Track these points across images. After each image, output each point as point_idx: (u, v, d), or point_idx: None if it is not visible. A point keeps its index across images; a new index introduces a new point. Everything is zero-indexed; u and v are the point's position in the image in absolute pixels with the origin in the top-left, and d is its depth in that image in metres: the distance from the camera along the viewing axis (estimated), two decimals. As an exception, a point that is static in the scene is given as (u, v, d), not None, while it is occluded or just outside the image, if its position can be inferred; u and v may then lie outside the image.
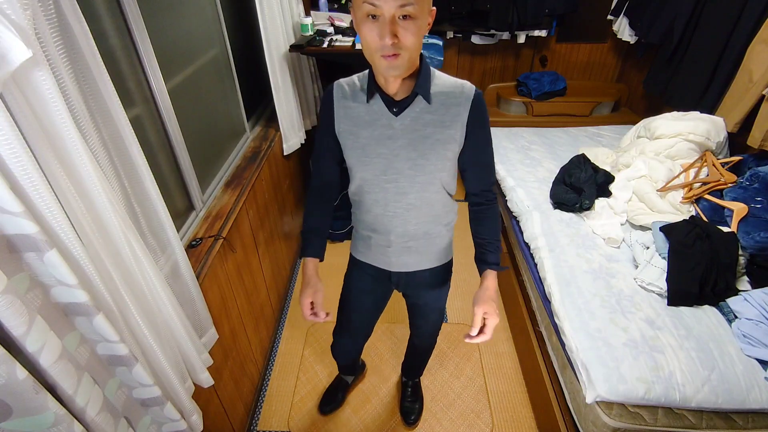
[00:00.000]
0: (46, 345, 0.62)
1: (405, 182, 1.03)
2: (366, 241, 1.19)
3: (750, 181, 1.79)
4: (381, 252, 1.18)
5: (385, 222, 1.11)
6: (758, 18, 2.03)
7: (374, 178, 1.04)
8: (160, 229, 1.04)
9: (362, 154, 1.02)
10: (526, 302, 1.94)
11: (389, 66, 0.87)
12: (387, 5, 0.80)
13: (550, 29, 3.08)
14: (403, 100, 0.97)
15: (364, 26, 0.84)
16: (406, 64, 0.88)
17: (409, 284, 1.26)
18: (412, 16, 0.82)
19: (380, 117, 0.98)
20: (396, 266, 1.19)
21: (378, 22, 0.82)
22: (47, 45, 0.66)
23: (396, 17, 0.81)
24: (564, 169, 2.19)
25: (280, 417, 1.78)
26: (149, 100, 1.24)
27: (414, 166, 1.01)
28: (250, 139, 2.04)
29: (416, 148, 0.99)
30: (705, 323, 1.47)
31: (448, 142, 0.99)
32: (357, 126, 1.01)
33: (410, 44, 0.85)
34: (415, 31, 0.84)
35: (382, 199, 1.07)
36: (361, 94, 1.00)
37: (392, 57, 0.85)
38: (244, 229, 1.66)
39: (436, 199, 1.09)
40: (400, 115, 0.97)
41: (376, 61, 0.88)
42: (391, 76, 0.91)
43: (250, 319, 1.72)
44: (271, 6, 1.85)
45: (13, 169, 0.58)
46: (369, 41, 0.85)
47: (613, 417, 1.27)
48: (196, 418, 1.06)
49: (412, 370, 1.77)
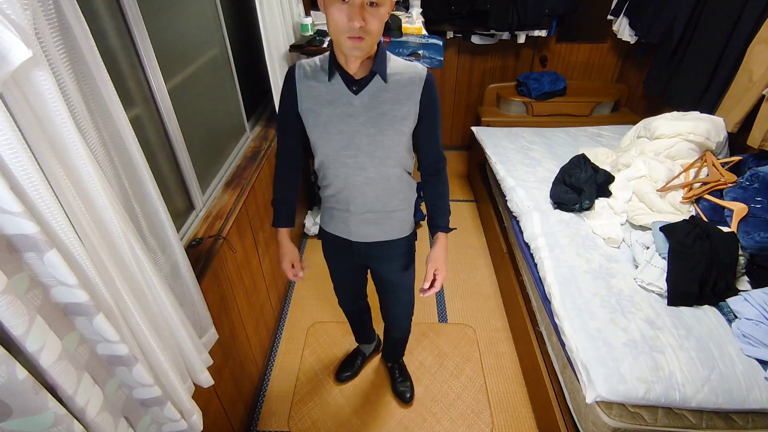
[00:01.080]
0: (46, 345, 0.62)
1: (364, 157, 1.10)
2: (329, 212, 1.28)
3: (750, 181, 1.79)
4: (342, 221, 1.26)
5: (345, 194, 1.19)
6: (758, 18, 2.03)
7: (335, 153, 1.11)
8: (160, 229, 1.04)
9: (324, 131, 1.09)
10: (526, 302, 1.94)
11: (353, 47, 0.94)
12: None
13: (550, 29, 3.08)
14: (362, 79, 1.04)
15: (333, 7, 0.91)
16: (368, 47, 0.96)
17: (370, 255, 1.33)
18: (378, 4, 0.90)
19: (341, 96, 1.05)
20: (356, 236, 1.27)
21: (347, 5, 0.89)
22: (47, 45, 0.66)
23: (365, 3, 0.89)
24: (564, 169, 2.19)
25: (280, 417, 1.78)
26: (149, 100, 1.24)
27: (373, 141, 1.08)
28: (250, 138, 2.04)
29: (375, 125, 1.07)
30: (705, 323, 1.47)
31: (404, 118, 1.08)
32: (318, 104, 1.07)
33: (375, 29, 0.93)
34: (380, 18, 0.92)
35: (342, 174, 1.14)
36: (322, 74, 1.06)
37: (358, 39, 0.92)
38: (244, 229, 1.66)
39: (393, 174, 1.16)
40: (359, 94, 1.04)
41: (342, 41, 0.94)
42: (354, 57, 0.98)
43: (250, 319, 1.72)
44: (271, 6, 1.85)
45: (13, 169, 0.57)
46: (338, 22, 0.91)
47: (613, 417, 1.27)
48: (196, 418, 1.06)
49: (392, 354, 1.85)
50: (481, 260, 2.58)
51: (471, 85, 3.50)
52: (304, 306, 2.28)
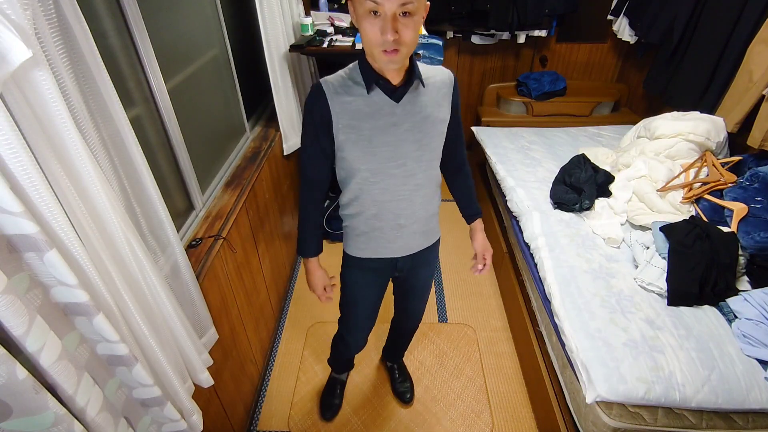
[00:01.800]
0: (46, 345, 0.62)
1: (413, 164, 1.09)
2: (368, 234, 1.20)
3: (750, 181, 1.79)
4: (387, 240, 1.20)
5: (392, 208, 1.14)
6: (758, 18, 2.03)
7: (381, 166, 1.07)
8: (160, 229, 1.04)
9: (368, 146, 1.04)
10: (526, 302, 1.94)
11: (389, 60, 0.91)
12: (389, 3, 0.84)
13: (550, 29, 3.08)
14: (401, 86, 1.03)
15: (366, 21, 0.88)
16: (404, 57, 0.93)
17: (413, 266, 1.31)
18: (411, 13, 0.87)
19: (382, 106, 1.02)
20: (403, 251, 1.24)
21: (379, 18, 0.86)
22: (47, 45, 0.66)
23: (397, 14, 0.86)
24: (564, 169, 2.19)
25: (280, 417, 1.78)
26: (149, 100, 1.24)
27: (420, 147, 1.08)
28: (250, 139, 2.04)
29: (420, 129, 1.06)
30: (705, 323, 1.47)
31: (443, 119, 1.10)
32: (358, 119, 1.02)
33: (410, 40, 0.89)
34: (414, 27, 0.89)
35: (390, 186, 1.11)
36: (357, 88, 1.02)
37: (393, 52, 0.90)
38: (244, 229, 1.66)
39: (435, 175, 1.18)
40: (400, 102, 1.03)
41: (377, 55, 0.92)
42: (390, 69, 0.97)
43: (250, 319, 1.72)
44: (271, 6, 1.86)
45: (13, 169, 0.58)
46: (371, 37, 0.89)
47: (613, 417, 1.27)
48: (196, 418, 1.06)
49: (399, 352, 1.83)
50: (481, 260, 2.58)
51: (471, 85, 3.50)
52: (304, 306, 2.28)
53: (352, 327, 1.46)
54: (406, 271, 1.33)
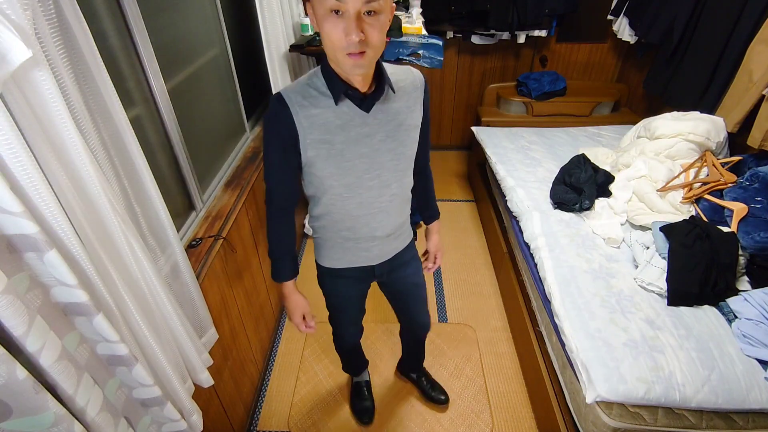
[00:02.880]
0: (46, 345, 0.62)
1: (388, 174, 1.04)
2: (341, 245, 1.15)
3: (750, 181, 1.79)
4: (363, 250, 1.16)
5: (368, 221, 1.09)
6: (758, 18, 2.03)
7: (357, 180, 1.01)
8: (160, 229, 1.04)
9: (342, 160, 0.97)
10: (526, 302, 1.94)
11: (355, 65, 0.84)
12: (353, 1, 0.77)
13: (550, 29, 3.08)
14: (371, 94, 0.96)
15: (327, 22, 0.80)
16: (371, 61, 0.86)
17: (391, 269, 1.27)
18: (377, 11, 0.80)
19: (353, 117, 0.95)
20: (379, 258, 1.21)
21: (342, 18, 0.79)
22: (47, 45, 0.66)
23: (361, 13, 0.78)
24: (564, 169, 2.19)
25: (280, 417, 1.78)
26: (149, 100, 1.24)
27: (395, 156, 1.03)
28: (250, 139, 2.04)
29: (395, 138, 1.01)
30: (705, 323, 1.47)
31: (416, 125, 1.06)
32: (328, 133, 0.94)
33: (376, 41, 0.82)
34: (380, 28, 0.82)
35: (366, 199, 1.05)
36: (323, 98, 0.93)
37: (358, 55, 0.82)
38: (244, 229, 1.66)
39: (408, 182, 1.14)
40: (372, 110, 0.96)
41: (341, 59, 0.84)
42: (356, 75, 0.89)
43: (250, 319, 1.72)
44: (271, 6, 1.85)
45: (13, 169, 0.58)
46: (333, 39, 0.81)
47: (613, 417, 1.27)
48: (196, 418, 1.06)
49: (419, 363, 1.79)
50: (481, 260, 2.58)
51: (471, 85, 3.50)
52: (304, 306, 2.28)
53: (341, 324, 1.46)
54: (386, 276, 1.28)
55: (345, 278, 1.25)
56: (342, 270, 1.22)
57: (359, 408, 1.76)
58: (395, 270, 1.29)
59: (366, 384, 1.82)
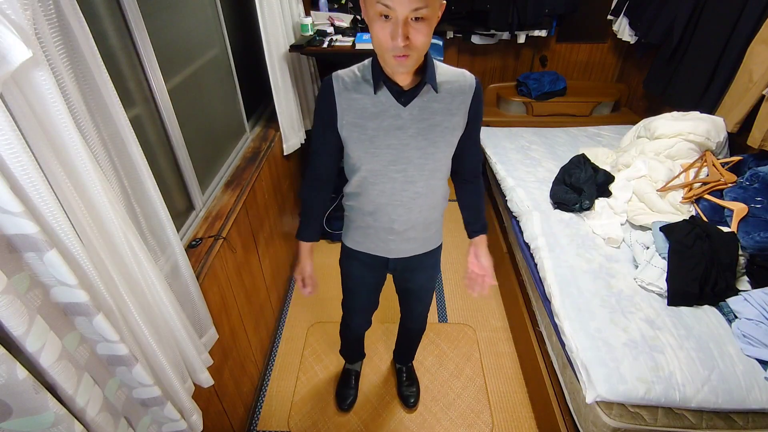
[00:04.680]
0: (46, 345, 0.62)
1: (414, 171, 1.06)
2: (364, 230, 1.22)
3: (750, 181, 1.79)
4: (381, 240, 1.20)
5: (389, 211, 1.13)
6: (758, 18, 2.03)
7: (382, 168, 1.05)
8: (160, 229, 1.04)
9: (370, 146, 1.03)
10: (526, 302, 1.94)
11: (399, 65, 0.89)
12: (401, 8, 0.80)
13: (550, 29, 3.08)
14: (410, 90, 0.98)
15: (376, 24, 0.85)
16: (415, 62, 0.90)
17: (406, 268, 1.31)
18: (424, 18, 0.83)
19: (388, 108, 0.99)
20: (395, 253, 1.24)
21: (390, 22, 0.83)
22: (47, 45, 0.66)
23: (409, 19, 0.82)
24: (564, 169, 2.19)
25: (280, 417, 1.78)
26: (149, 100, 1.24)
27: (424, 154, 1.04)
28: (250, 139, 2.04)
29: (426, 137, 1.02)
30: (705, 323, 1.47)
31: (455, 129, 1.04)
32: (363, 118, 1.01)
33: (421, 45, 0.86)
34: (426, 32, 0.85)
35: (389, 189, 1.09)
36: (365, 86, 0.99)
37: (403, 57, 0.87)
38: (244, 229, 1.66)
39: (439, 186, 1.14)
40: (408, 105, 0.99)
41: (387, 59, 0.89)
42: (400, 74, 0.94)
43: (250, 319, 1.72)
44: (271, 6, 1.85)
45: (13, 169, 0.58)
46: (381, 40, 0.86)
47: (613, 417, 1.27)
48: (196, 418, 1.06)
49: (406, 355, 1.82)
50: (481, 260, 2.58)
51: (471, 85, 3.49)
52: (304, 306, 2.28)
53: (351, 311, 1.51)
54: (400, 272, 1.33)
55: (361, 262, 1.30)
56: (359, 253, 1.28)
57: (342, 394, 1.82)
58: (411, 271, 1.32)
59: (356, 374, 1.88)
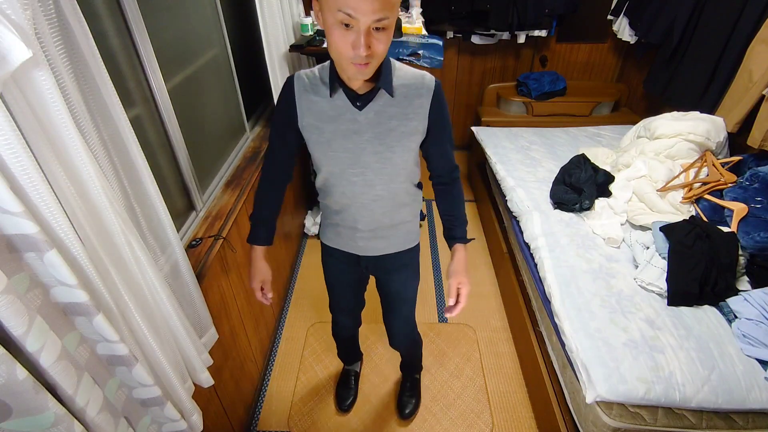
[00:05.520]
0: (46, 345, 0.62)
1: (372, 175, 1.05)
2: (334, 228, 1.23)
3: (750, 181, 1.79)
4: (349, 238, 1.21)
5: (352, 212, 1.14)
6: (758, 18, 2.03)
7: (341, 171, 1.06)
8: (160, 229, 1.04)
9: (328, 149, 1.03)
10: (526, 302, 1.94)
11: (358, 72, 0.87)
12: (365, 18, 0.77)
13: (550, 29, 3.08)
14: (366, 94, 0.97)
15: (335, 32, 0.82)
16: (374, 69, 0.89)
17: (378, 268, 1.30)
18: (385, 27, 0.81)
19: (344, 111, 0.98)
20: (364, 251, 1.23)
21: (351, 31, 0.80)
22: (47, 45, 0.66)
23: (371, 28, 0.80)
24: (564, 169, 2.19)
25: (280, 417, 1.78)
26: (149, 100, 1.24)
27: (381, 159, 1.03)
28: (250, 139, 2.04)
29: (382, 142, 1.01)
30: (705, 323, 1.47)
31: (412, 133, 1.02)
32: (321, 121, 1.00)
33: (382, 53, 0.85)
34: (387, 40, 0.84)
35: (349, 192, 1.09)
36: (323, 89, 0.99)
37: (363, 65, 0.85)
38: (244, 229, 1.66)
39: (401, 189, 1.12)
40: (364, 109, 0.98)
41: (345, 66, 0.87)
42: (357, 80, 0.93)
43: (250, 319, 1.72)
44: (271, 6, 1.85)
45: (13, 169, 0.57)
46: (341, 48, 0.83)
47: (613, 417, 1.27)
48: (196, 418, 1.06)
49: (408, 366, 1.81)
50: (481, 260, 2.58)
51: (471, 85, 3.50)
52: (304, 306, 2.28)
53: (336, 310, 1.51)
54: (374, 272, 1.33)
55: (336, 258, 1.31)
56: (334, 250, 1.29)
57: (341, 395, 1.82)
58: (382, 271, 1.32)
59: (355, 374, 1.88)
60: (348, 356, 1.82)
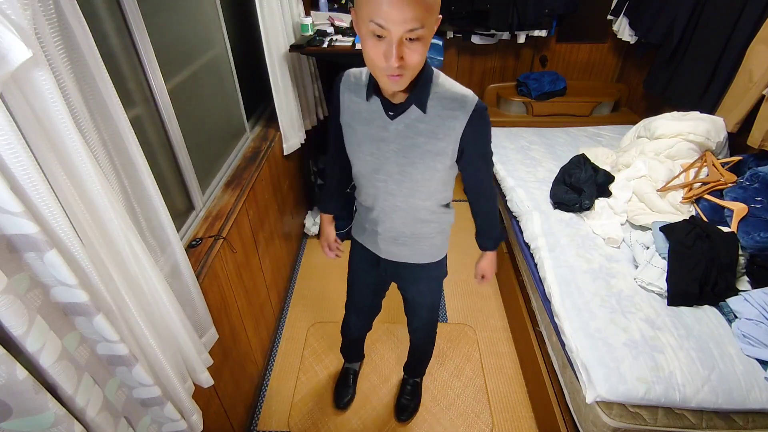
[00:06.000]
0: (46, 345, 0.62)
1: (393, 185, 1.06)
2: (362, 224, 1.26)
3: (750, 181, 1.79)
4: (372, 237, 1.24)
5: (374, 214, 1.17)
6: (758, 18, 2.03)
7: (367, 174, 1.08)
8: (160, 229, 1.04)
9: (357, 150, 1.06)
10: (526, 302, 1.94)
11: (392, 83, 0.85)
12: (396, 28, 0.75)
13: (550, 29, 3.08)
14: (400, 104, 0.95)
15: (368, 42, 0.80)
16: (408, 80, 0.86)
17: (397, 275, 1.33)
18: (419, 38, 0.79)
19: (377, 118, 0.99)
20: (384, 254, 1.26)
21: (383, 41, 0.78)
22: (47, 45, 0.66)
23: (403, 39, 0.78)
24: (564, 169, 2.19)
25: (280, 417, 1.77)
26: (149, 100, 1.24)
27: (401, 172, 1.03)
28: (250, 139, 2.04)
29: (406, 155, 0.99)
30: (705, 323, 1.47)
31: (438, 154, 0.98)
32: (355, 121, 1.03)
33: (416, 64, 0.82)
34: (422, 51, 0.81)
35: (372, 195, 1.12)
36: (363, 90, 1.00)
37: (396, 77, 0.83)
38: (244, 229, 1.66)
39: (422, 206, 1.11)
40: (395, 120, 0.97)
41: (379, 76, 0.87)
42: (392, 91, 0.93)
43: (250, 319, 1.72)
44: (271, 6, 1.85)
45: (13, 169, 0.57)
46: (374, 59, 0.82)
47: (613, 417, 1.27)
48: (196, 418, 1.06)
49: (411, 368, 1.79)
50: (481, 260, 2.58)
51: (471, 85, 3.45)
52: (304, 306, 2.28)
53: (350, 306, 1.54)
54: (392, 277, 1.36)
55: (360, 257, 1.36)
56: (360, 247, 1.34)
57: (339, 392, 1.83)
58: (402, 279, 1.34)
59: (354, 373, 1.88)
60: (350, 354, 1.84)
